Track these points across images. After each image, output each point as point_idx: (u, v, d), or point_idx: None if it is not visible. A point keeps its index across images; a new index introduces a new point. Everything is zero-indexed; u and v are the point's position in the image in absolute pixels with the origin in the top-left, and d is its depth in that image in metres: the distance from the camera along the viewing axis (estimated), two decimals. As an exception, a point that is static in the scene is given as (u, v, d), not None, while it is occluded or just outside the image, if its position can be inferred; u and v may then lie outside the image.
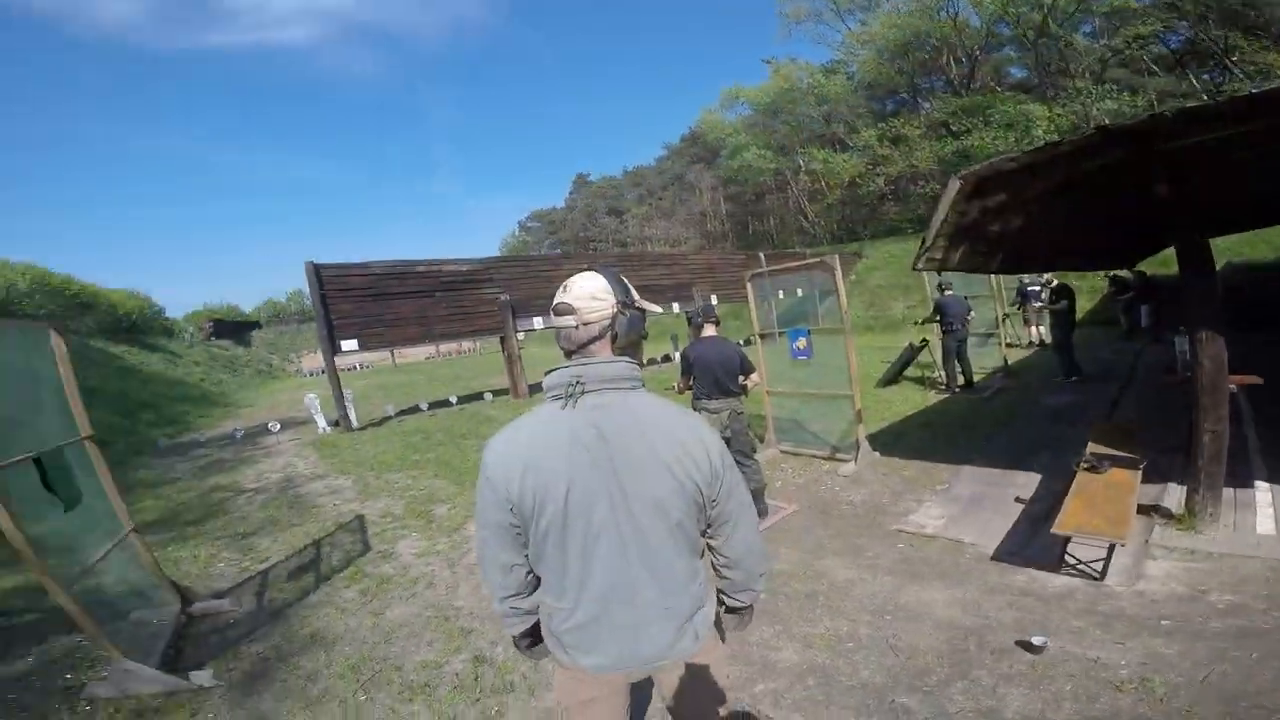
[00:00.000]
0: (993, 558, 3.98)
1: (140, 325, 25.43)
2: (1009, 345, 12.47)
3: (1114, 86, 23.24)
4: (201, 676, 3.40)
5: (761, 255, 19.52)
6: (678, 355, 18.10)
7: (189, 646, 3.88)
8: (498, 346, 34.00)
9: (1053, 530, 3.59)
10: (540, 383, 1.52)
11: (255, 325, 36.30)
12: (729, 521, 1.49)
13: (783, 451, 6.75)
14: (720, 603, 1.68)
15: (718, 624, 1.65)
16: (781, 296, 8.79)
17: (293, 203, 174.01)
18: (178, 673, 3.43)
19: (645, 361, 8.40)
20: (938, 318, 9.15)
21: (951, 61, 28.94)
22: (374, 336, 11.99)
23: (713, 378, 4.69)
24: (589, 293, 1.42)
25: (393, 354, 30.55)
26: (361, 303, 11.69)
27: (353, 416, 11.72)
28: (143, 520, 6.67)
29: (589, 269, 1.48)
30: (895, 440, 6.83)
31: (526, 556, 1.46)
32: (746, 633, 3.34)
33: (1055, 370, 9.31)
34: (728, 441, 4.99)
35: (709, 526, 1.50)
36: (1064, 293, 9.10)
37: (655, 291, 16.72)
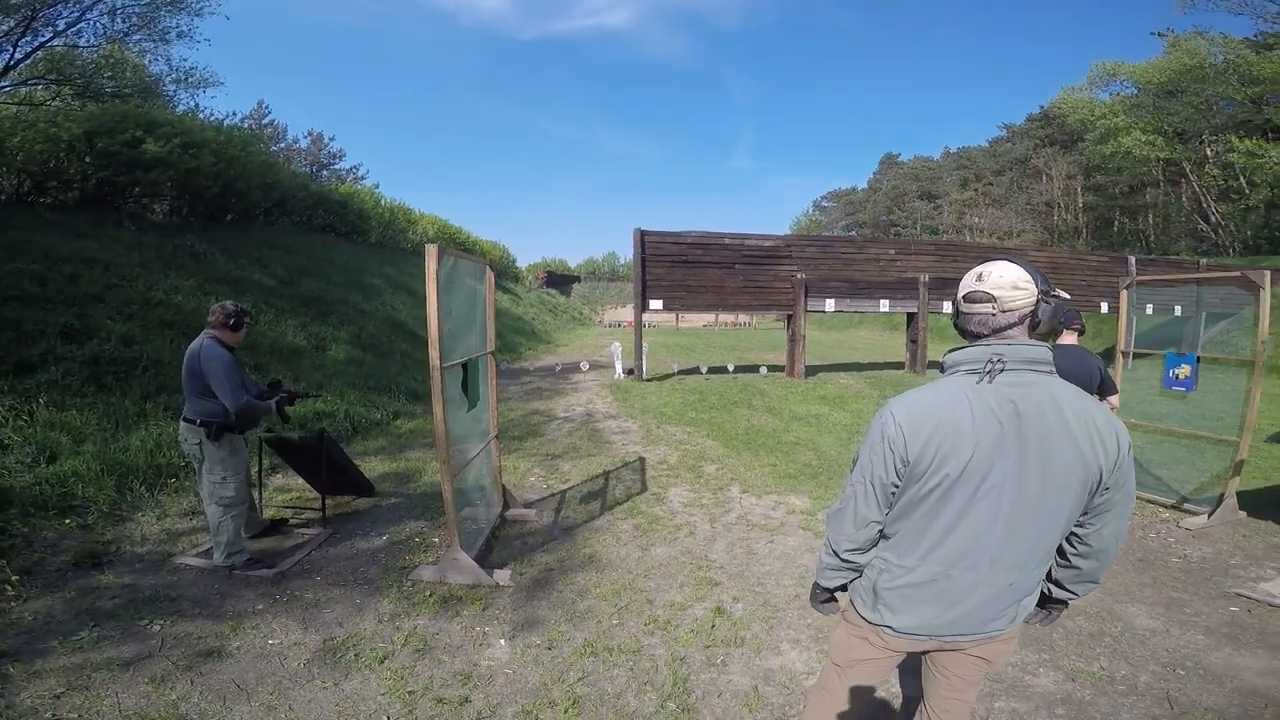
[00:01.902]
0: None
1: (500, 270, 31.93)
2: None
3: None
4: (502, 575, 3.82)
5: (1131, 259, 15.48)
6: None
7: (498, 546, 4.46)
8: (774, 323, 34.42)
9: None
10: (811, 366, 1.64)
11: (576, 279, 42.56)
12: (1109, 511, 1.48)
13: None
14: (1045, 593, 1.67)
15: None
16: (1150, 312, 7.09)
17: (614, 174, 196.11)
18: (486, 569, 3.83)
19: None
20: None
21: None
22: (677, 299, 13.04)
23: None
24: (1010, 281, 1.45)
25: (677, 318, 32.82)
26: (672, 268, 12.78)
27: (645, 368, 13.06)
28: (479, 430, 8.50)
29: (1004, 259, 1.52)
30: (1274, 506, 5.21)
31: (885, 515, 1.56)
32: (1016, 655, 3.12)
33: None
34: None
35: (1084, 514, 1.50)
36: None
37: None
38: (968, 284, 1.50)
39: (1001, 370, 1.41)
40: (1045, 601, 1.69)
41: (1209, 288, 5.10)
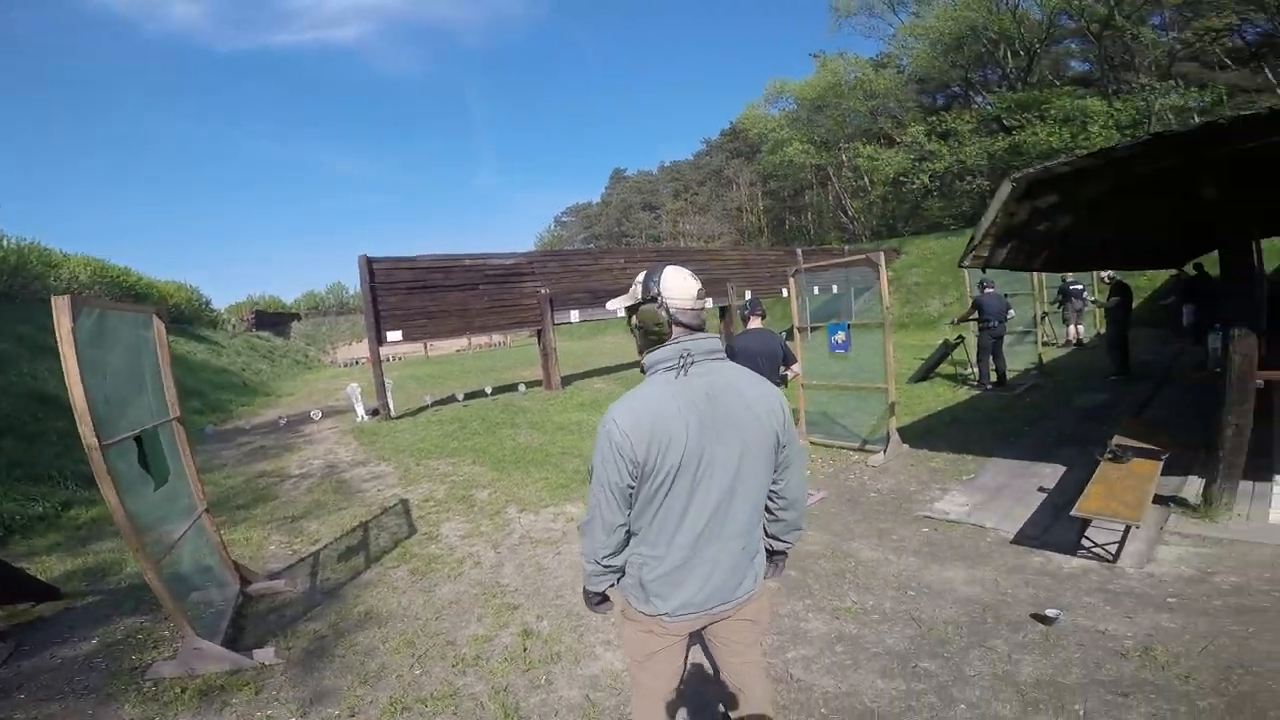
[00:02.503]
0: (1013, 541, 4.19)
1: (188, 315, 26.48)
2: (1046, 344, 12.37)
3: (1179, 82, 22.31)
4: (264, 654, 3.44)
5: (799, 251, 19.47)
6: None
7: (249, 626, 3.96)
8: (527, 340, 34.74)
9: (1072, 513, 3.78)
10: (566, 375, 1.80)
11: (295, 317, 37.35)
12: (790, 466, 1.76)
13: (813, 443, 6.92)
14: (767, 549, 1.90)
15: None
16: (817, 292, 8.93)
17: (339, 199, 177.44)
18: (240, 651, 3.44)
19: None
20: (975, 315, 9.17)
21: (1008, 55, 28.07)
22: (417, 328, 12.33)
23: (755, 368, 4.89)
24: (696, 285, 1.74)
25: (425, 346, 31.25)
26: (408, 295, 12.02)
27: (391, 406, 12.10)
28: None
29: (677, 264, 1.78)
30: (924, 434, 6.95)
31: (628, 515, 1.67)
32: (777, 605, 3.60)
33: (1106, 366, 9.42)
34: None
35: (775, 472, 1.74)
36: (1121, 289, 9.11)
37: (688, 288, 16.98)
38: (694, 285, 1.73)
39: (692, 363, 1.62)
40: (769, 555, 1.92)
41: (851, 269, 6.54)
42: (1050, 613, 3.09)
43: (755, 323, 5.05)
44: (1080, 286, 12.11)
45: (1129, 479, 4.16)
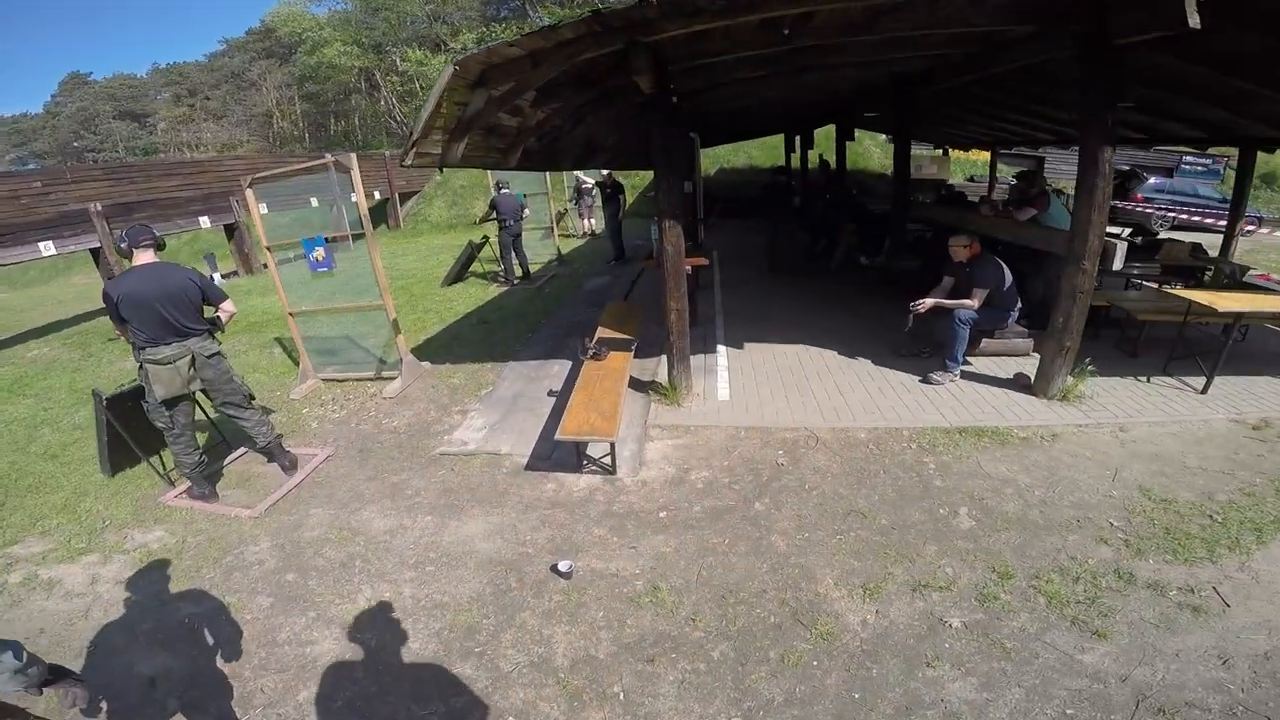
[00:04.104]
0: (527, 467, 4.12)
1: None
2: (566, 235, 13.74)
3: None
4: None
5: (353, 155, 16.77)
6: (217, 277, 14.87)
7: None
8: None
9: (557, 436, 3.79)
10: None
11: None
12: None
13: (325, 380, 5.96)
14: None
15: None
16: (317, 204, 7.50)
17: None
18: None
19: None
20: (494, 215, 9.27)
21: None
22: None
23: (157, 317, 3.55)
24: None
25: None
26: None
27: None
28: None
29: None
30: (448, 345, 6.69)
31: None
32: (275, 630, 2.81)
33: (608, 254, 10.90)
34: (205, 395, 4.00)
35: None
36: (615, 187, 10.62)
37: (173, 206, 13.06)
38: None
39: None
40: None
41: (313, 176, 5.38)
42: (563, 566, 3.02)
43: (145, 256, 3.63)
44: (589, 184, 13.64)
45: (606, 380, 4.41)
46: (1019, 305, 5.08)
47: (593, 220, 14.42)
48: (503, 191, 9.33)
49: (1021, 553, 3.00)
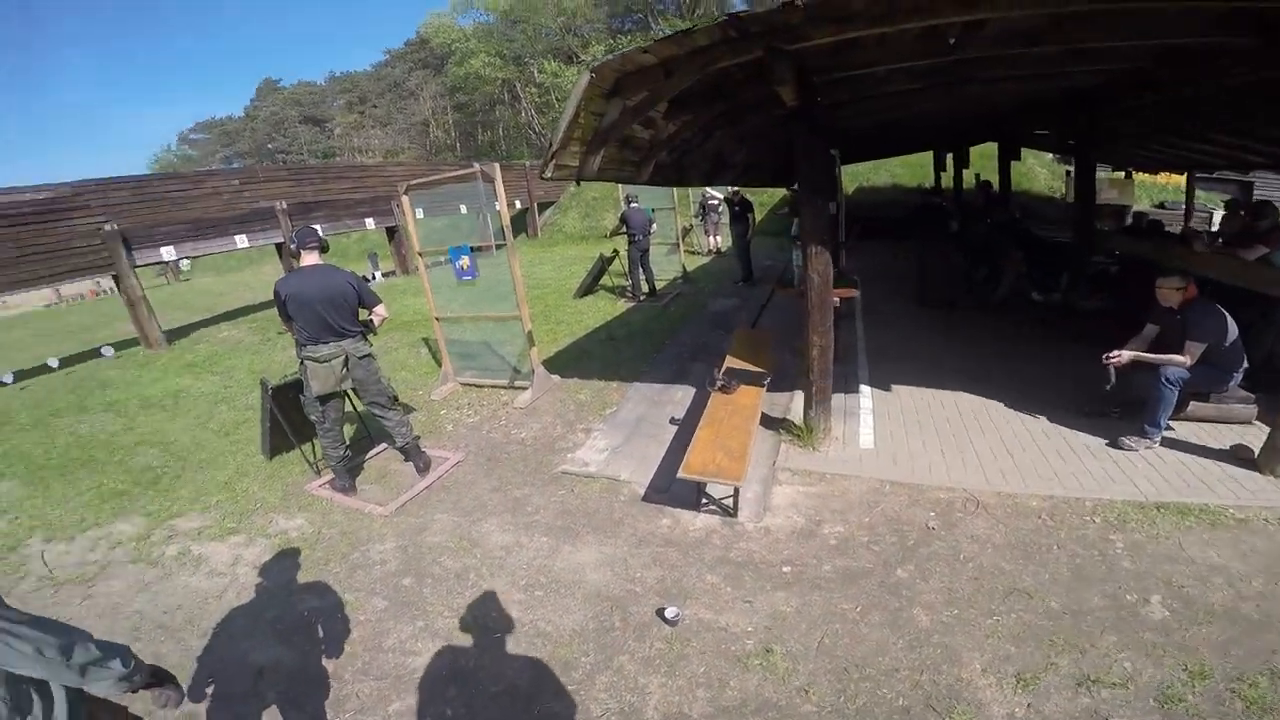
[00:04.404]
0: (644, 498, 3.96)
1: None
2: (691, 252, 13.58)
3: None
4: None
5: (497, 165, 18.06)
6: (377, 275, 16.17)
7: None
8: (157, 279, 27.44)
9: (679, 474, 3.55)
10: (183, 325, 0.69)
11: None
12: None
13: (464, 384, 6.19)
14: None
15: None
16: (465, 211, 7.85)
17: None
18: None
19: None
20: (623, 229, 9.31)
21: None
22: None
23: (317, 317, 3.80)
24: None
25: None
26: None
27: None
28: None
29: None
30: (577, 359, 6.73)
31: None
32: (383, 635, 2.87)
33: (734, 274, 10.53)
34: (355, 394, 4.22)
35: None
36: (743, 205, 10.23)
37: (343, 207, 14.41)
38: None
39: None
40: None
41: (463, 184, 5.57)
42: (670, 613, 2.85)
43: (311, 258, 3.90)
44: (716, 201, 13.40)
45: (735, 417, 4.13)
46: (1244, 364, 4.20)
47: (718, 238, 14.16)
48: (632, 205, 9.36)
49: (1224, 651, 2.44)
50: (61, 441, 6.27)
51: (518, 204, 20.69)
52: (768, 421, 4.71)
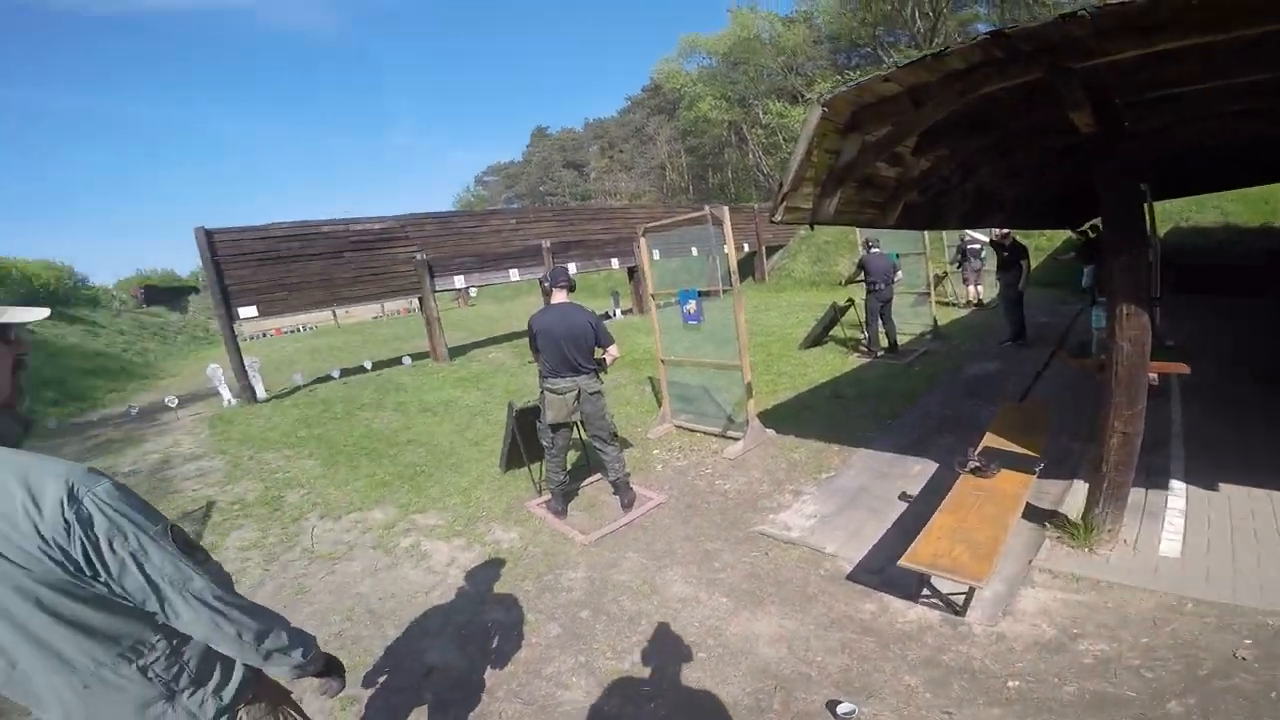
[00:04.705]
0: (849, 575, 3.49)
1: (60, 296, 23.92)
2: (945, 304, 12.04)
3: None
4: None
5: (725, 209, 18.75)
6: (618, 313, 17.42)
7: None
8: (451, 303, 33.31)
9: (901, 563, 3.02)
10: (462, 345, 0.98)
11: (193, 290, 34.51)
12: (147, 600, 1.21)
13: (679, 427, 6.22)
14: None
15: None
16: (696, 253, 8.01)
17: (230, 160, 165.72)
18: None
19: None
20: (861, 276, 8.63)
21: (916, 15, 27.76)
22: (276, 302, 11.13)
23: (559, 352, 4.12)
24: None
25: (335, 314, 29.42)
26: (259, 267, 10.79)
27: (259, 387, 10.98)
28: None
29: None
30: (797, 415, 6.32)
31: None
32: (547, 661, 2.92)
33: (1001, 332, 9.00)
34: (581, 425, 4.42)
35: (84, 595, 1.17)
36: (1015, 250, 8.57)
37: (594, 247, 15.92)
38: None
39: None
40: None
41: (695, 227, 5.59)
42: (844, 708, 2.42)
43: (560, 296, 4.25)
44: (978, 245, 11.76)
45: (988, 505, 3.44)
46: None
47: (979, 287, 12.32)
48: (872, 251, 8.59)
49: None
50: (357, 432, 7.75)
51: (745, 247, 20.70)
52: (1030, 511, 3.84)
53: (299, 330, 29.97)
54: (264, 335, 29.04)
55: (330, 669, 1.56)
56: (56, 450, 8.84)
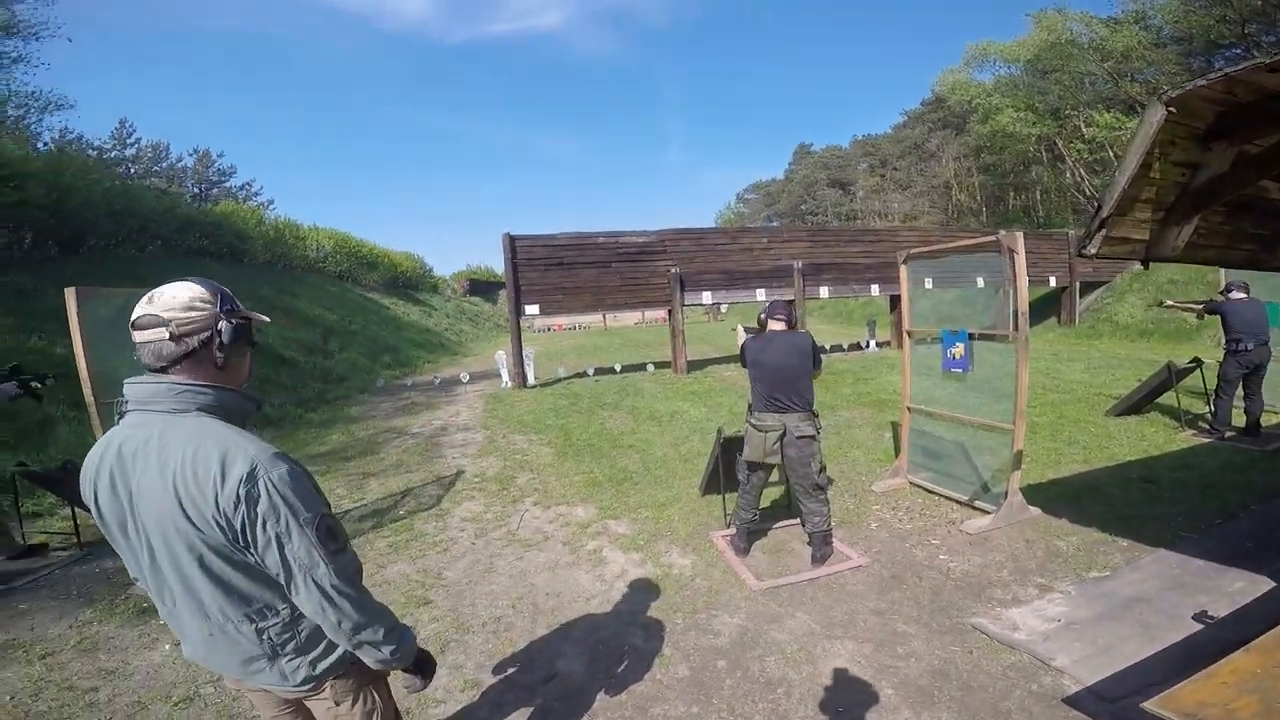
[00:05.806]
0: (1069, 698, 2.59)
1: (414, 281, 30.79)
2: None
3: None
4: None
5: (1019, 235, 15.88)
6: (872, 344, 15.97)
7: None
8: (703, 316, 34.28)
9: (1147, 705, 2.08)
10: (701, 359, 1.22)
11: (502, 285, 41.54)
12: (280, 575, 1.33)
13: (914, 484, 5.35)
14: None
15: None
16: (930, 286, 6.79)
17: (542, 174, 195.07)
18: None
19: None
20: (1224, 330, 6.41)
21: None
22: (554, 303, 12.65)
23: (767, 386, 3.82)
24: (184, 302, 1.33)
25: (604, 317, 32.58)
26: (545, 271, 12.40)
27: (530, 375, 12.65)
28: (317, 451, 7.88)
29: (186, 279, 1.40)
30: (1078, 496, 4.94)
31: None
32: (656, 704, 2.77)
33: None
34: (781, 467, 4.02)
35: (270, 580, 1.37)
36: None
37: (852, 272, 14.88)
38: (139, 309, 1.33)
39: (126, 413, 1.35)
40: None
41: (977, 254, 4.52)
42: None
43: (776, 326, 3.97)
44: None
45: None
46: None
47: None
48: (1234, 296, 6.32)
49: None
50: (592, 429, 8.30)
51: (1053, 281, 17.24)
52: None
53: (575, 328, 34.11)
54: (548, 329, 33.61)
55: (421, 667, 1.63)
56: (375, 408, 11.24)
